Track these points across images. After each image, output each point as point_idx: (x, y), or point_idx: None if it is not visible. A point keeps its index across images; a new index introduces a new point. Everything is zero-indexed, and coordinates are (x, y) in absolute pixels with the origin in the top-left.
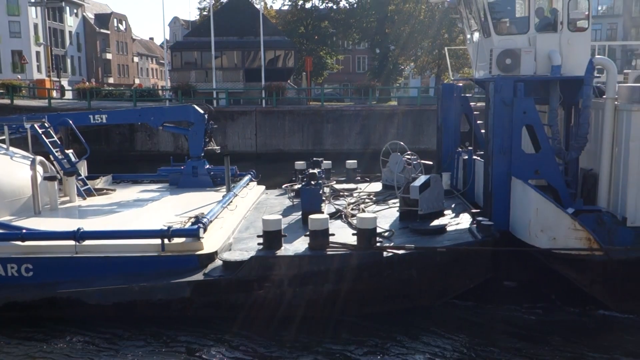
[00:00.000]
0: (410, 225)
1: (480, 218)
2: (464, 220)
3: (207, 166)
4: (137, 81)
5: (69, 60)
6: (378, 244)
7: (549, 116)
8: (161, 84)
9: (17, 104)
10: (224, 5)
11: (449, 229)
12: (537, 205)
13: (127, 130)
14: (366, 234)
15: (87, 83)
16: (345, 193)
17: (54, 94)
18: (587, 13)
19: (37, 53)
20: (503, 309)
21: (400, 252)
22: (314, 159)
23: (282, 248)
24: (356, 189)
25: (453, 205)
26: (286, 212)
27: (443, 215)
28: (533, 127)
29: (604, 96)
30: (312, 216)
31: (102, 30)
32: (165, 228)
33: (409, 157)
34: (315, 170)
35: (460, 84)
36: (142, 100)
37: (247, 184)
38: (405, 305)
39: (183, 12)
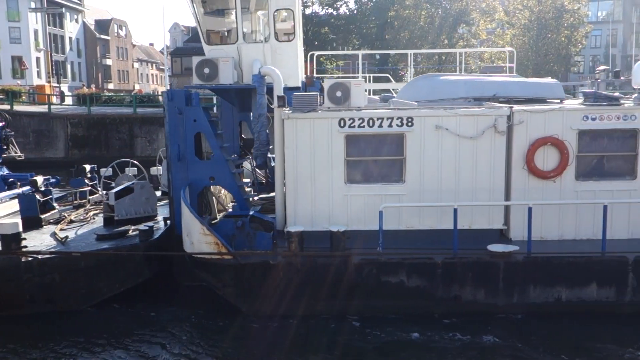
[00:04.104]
0: (96, 231)
1: (147, 223)
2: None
3: (5, 172)
4: (137, 87)
5: (69, 66)
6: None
7: (252, 123)
8: (161, 89)
9: (17, 110)
10: None
11: (132, 233)
12: (183, 210)
13: (126, 136)
14: (6, 239)
15: (87, 89)
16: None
17: (54, 99)
18: (293, 24)
19: (37, 59)
20: (163, 311)
21: (41, 257)
22: (84, 165)
23: None
24: None
25: None
26: None
27: (152, 219)
28: (204, 135)
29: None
30: None
31: (102, 36)
32: None
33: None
34: (40, 178)
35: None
36: (142, 106)
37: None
38: (49, 309)
39: (183, 18)
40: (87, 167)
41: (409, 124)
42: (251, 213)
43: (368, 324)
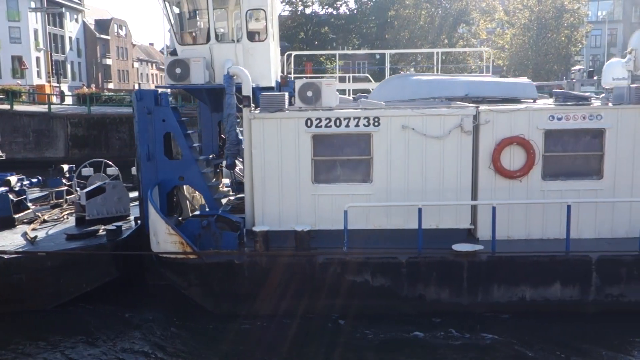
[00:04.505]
0: (67, 231)
1: (116, 223)
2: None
3: None
4: (137, 86)
5: (69, 66)
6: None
7: (223, 123)
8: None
9: (17, 110)
10: None
11: (102, 233)
12: (150, 210)
13: (126, 136)
14: None
15: (87, 88)
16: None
17: (54, 99)
18: (265, 24)
19: (37, 58)
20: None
21: (7, 256)
22: (61, 165)
23: None
24: None
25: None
26: None
27: (125, 219)
28: (173, 135)
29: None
30: None
31: (102, 36)
32: None
33: None
34: (14, 178)
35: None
36: None
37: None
38: (16, 308)
39: None
40: (65, 167)
41: (376, 123)
42: (219, 213)
43: (362, 323)
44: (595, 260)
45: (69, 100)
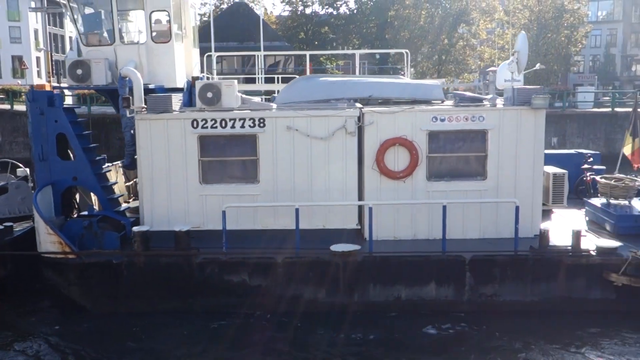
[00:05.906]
0: None
1: (7, 223)
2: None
3: None
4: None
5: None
6: None
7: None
8: None
9: (17, 110)
10: (224, 10)
11: None
12: (34, 210)
13: None
14: None
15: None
16: None
17: None
18: (169, 26)
19: (38, 58)
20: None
21: None
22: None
23: None
24: None
25: None
26: None
27: (28, 219)
28: (66, 135)
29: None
30: None
31: None
32: None
33: None
34: None
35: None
36: None
37: None
38: None
39: None
40: None
41: (261, 125)
42: (105, 213)
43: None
44: (469, 261)
45: (69, 100)
